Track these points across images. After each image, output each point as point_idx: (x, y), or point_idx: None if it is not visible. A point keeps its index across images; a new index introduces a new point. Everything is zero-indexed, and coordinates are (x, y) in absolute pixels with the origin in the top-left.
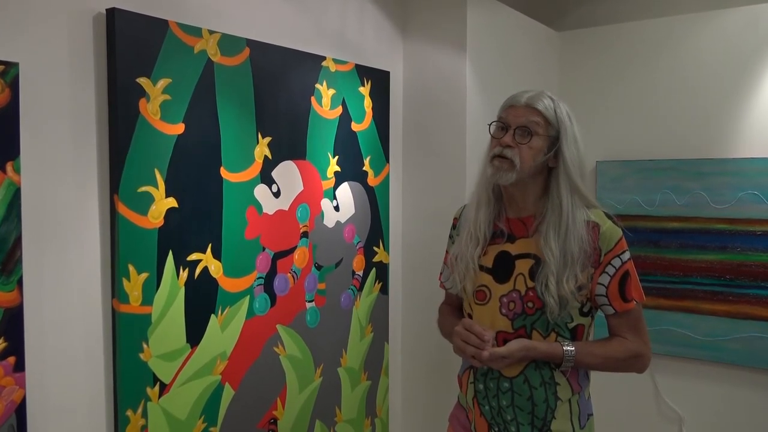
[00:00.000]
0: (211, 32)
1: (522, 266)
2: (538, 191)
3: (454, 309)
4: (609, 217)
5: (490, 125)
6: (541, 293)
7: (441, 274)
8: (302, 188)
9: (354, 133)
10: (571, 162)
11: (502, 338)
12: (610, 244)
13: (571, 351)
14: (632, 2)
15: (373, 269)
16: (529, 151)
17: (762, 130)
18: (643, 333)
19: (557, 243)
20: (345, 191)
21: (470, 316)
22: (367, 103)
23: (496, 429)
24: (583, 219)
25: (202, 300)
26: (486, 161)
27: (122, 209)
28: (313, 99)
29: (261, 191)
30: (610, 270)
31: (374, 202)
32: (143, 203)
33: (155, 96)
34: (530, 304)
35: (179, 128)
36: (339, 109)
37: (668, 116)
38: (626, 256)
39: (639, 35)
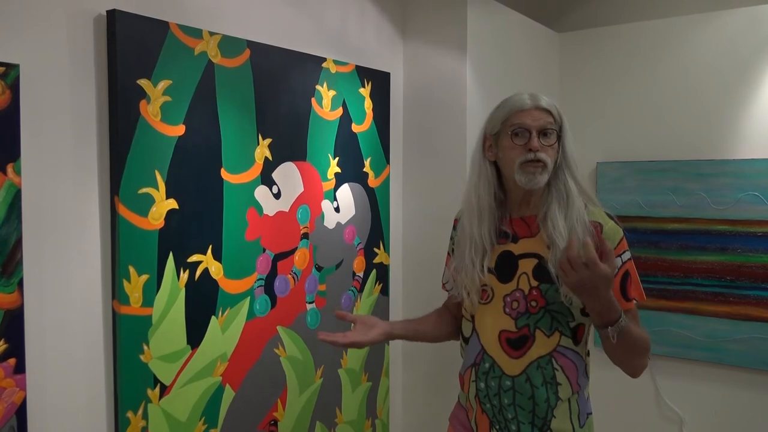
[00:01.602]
0: (211, 34)
1: (525, 266)
2: (544, 188)
3: (442, 312)
4: (610, 217)
5: (502, 132)
6: (557, 280)
7: (443, 275)
8: (303, 189)
9: (354, 134)
10: (571, 155)
11: (505, 338)
12: (613, 243)
13: (624, 316)
14: (632, 3)
15: (374, 270)
16: (552, 151)
17: (762, 132)
18: None
19: (566, 228)
20: (345, 192)
21: (472, 318)
22: (368, 104)
23: (497, 427)
24: (584, 209)
25: (202, 301)
26: (514, 168)
27: (123, 211)
28: (313, 100)
29: (261, 192)
30: None
31: (375, 204)
32: (144, 204)
33: (156, 97)
34: (533, 303)
35: (180, 130)
36: (339, 111)
37: (669, 117)
38: (627, 255)
39: (639, 36)
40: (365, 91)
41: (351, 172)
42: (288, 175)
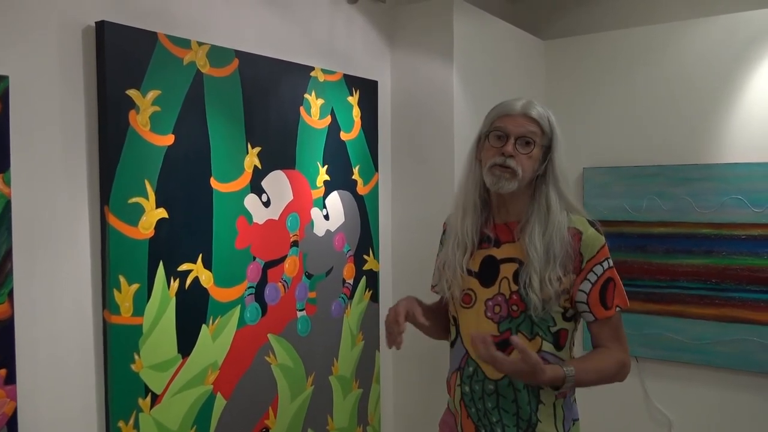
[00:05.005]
0: (200, 44)
1: (507, 270)
2: (528, 197)
3: (436, 308)
4: (592, 224)
5: (489, 133)
6: (524, 290)
7: (432, 279)
8: (292, 198)
9: (343, 142)
10: (559, 170)
11: None
12: (593, 251)
13: (572, 371)
14: (616, 11)
15: (364, 277)
16: (528, 161)
17: (745, 136)
18: (623, 340)
19: (542, 242)
20: (335, 200)
21: (455, 320)
22: (356, 112)
23: (483, 431)
24: (565, 222)
25: (193, 310)
26: (484, 169)
27: (113, 220)
28: (302, 109)
29: (251, 201)
30: (592, 277)
31: (364, 211)
32: (134, 214)
33: (145, 107)
34: (515, 307)
35: (169, 139)
36: (328, 119)
37: (653, 123)
38: (608, 263)
39: (623, 43)
40: (353, 100)
41: (340, 180)
42: (277, 183)
